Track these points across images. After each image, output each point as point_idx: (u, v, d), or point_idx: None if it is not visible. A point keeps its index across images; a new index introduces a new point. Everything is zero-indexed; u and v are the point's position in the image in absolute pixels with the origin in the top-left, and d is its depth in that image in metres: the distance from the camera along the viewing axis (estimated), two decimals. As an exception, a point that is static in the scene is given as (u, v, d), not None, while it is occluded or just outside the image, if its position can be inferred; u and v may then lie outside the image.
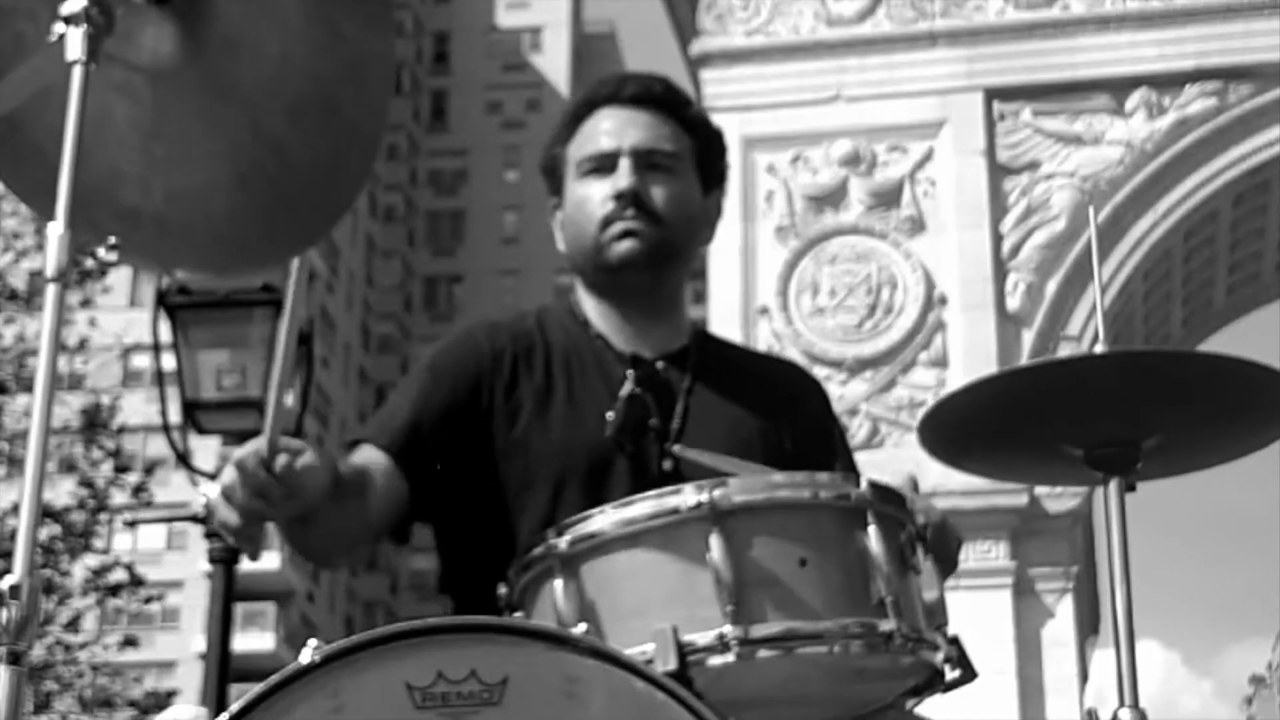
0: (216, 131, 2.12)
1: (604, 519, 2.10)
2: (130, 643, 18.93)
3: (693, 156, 2.66)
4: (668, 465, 2.50)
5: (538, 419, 2.54)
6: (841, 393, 14.54)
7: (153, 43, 2.09)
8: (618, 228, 2.58)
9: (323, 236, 2.24)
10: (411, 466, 2.48)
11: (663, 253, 2.59)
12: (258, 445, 2.19)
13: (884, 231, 15.54)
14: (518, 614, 2.16)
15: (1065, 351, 13.93)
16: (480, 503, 2.52)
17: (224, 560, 7.53)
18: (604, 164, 2.61)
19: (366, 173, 2.18)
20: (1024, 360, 14.06)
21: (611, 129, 2.62)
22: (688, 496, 2.06)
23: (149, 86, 2.10)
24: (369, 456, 2.45)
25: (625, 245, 2.58)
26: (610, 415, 2.52)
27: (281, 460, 2.19)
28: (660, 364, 2.62)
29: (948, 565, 2.30)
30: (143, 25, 2.08)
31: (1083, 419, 2.37)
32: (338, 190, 2.18)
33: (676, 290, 2.70)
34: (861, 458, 2.76)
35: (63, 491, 17.45)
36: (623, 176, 2.58)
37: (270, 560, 49.51)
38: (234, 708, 1.78)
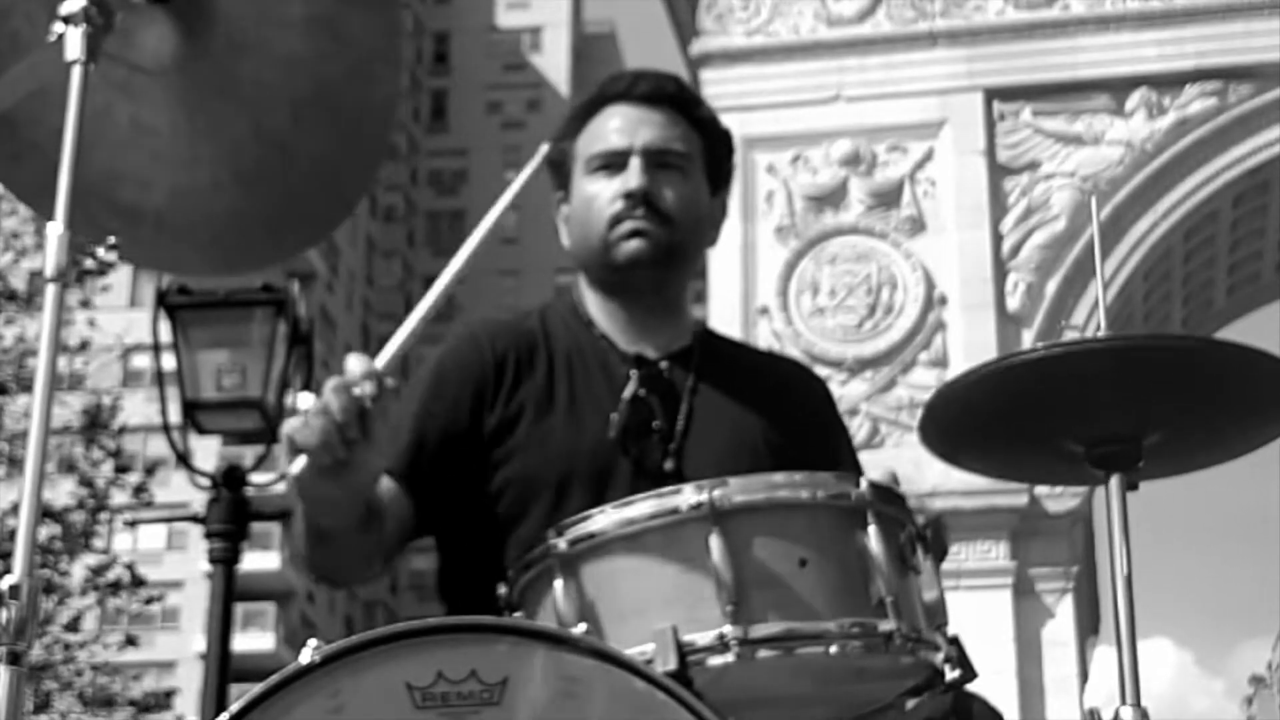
0: (218, 131, 2.12)
1: (604, 519, 2.09)
2: (130, 642, 18.93)
3: (702, 157, 2.64)
4: (669, 466, 2.49)
5: (539, 424, 2.52)
6: (841, 393, 14.52)
7: (154, 42, 2.09)
8: (627, 227, 2.56)
9: (329, 234, 2.24)
10: (416, 486, 2.47)
11: (671, 253, 2.58)
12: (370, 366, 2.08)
13: (884, 231, 15.55)
14: (518, 614, 2.16)
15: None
16: (484, 509, 2.51)
17: (224, 560, 7.52)
18: (614, 162, 2.59)
19: (373, 172, 2.18)
20: (1024, 360, 14.03)
21: (622, 127, 2.60)
22: (688, 496, 2.06)
23: (150, 86, 2.10)
24: None
25: (634, 245, 2.56)
26: (614, 417, 2.51)
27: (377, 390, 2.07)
28: (664, 364, 2.61)
29: (939, 552, 2.28)
30: (143, 25, 2.07)
31: (1084, 414, 2.37)
32: (343, 188, 2.18)
33: (681, 290, 2.69)
34: (861, 458, 2.75)
35: (63, 491, 17.45)
36: (633, 176, 2.56)
37: (270, 560, 49.50)
38: (234, 708, 1.78)
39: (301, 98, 2.11)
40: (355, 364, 2.09)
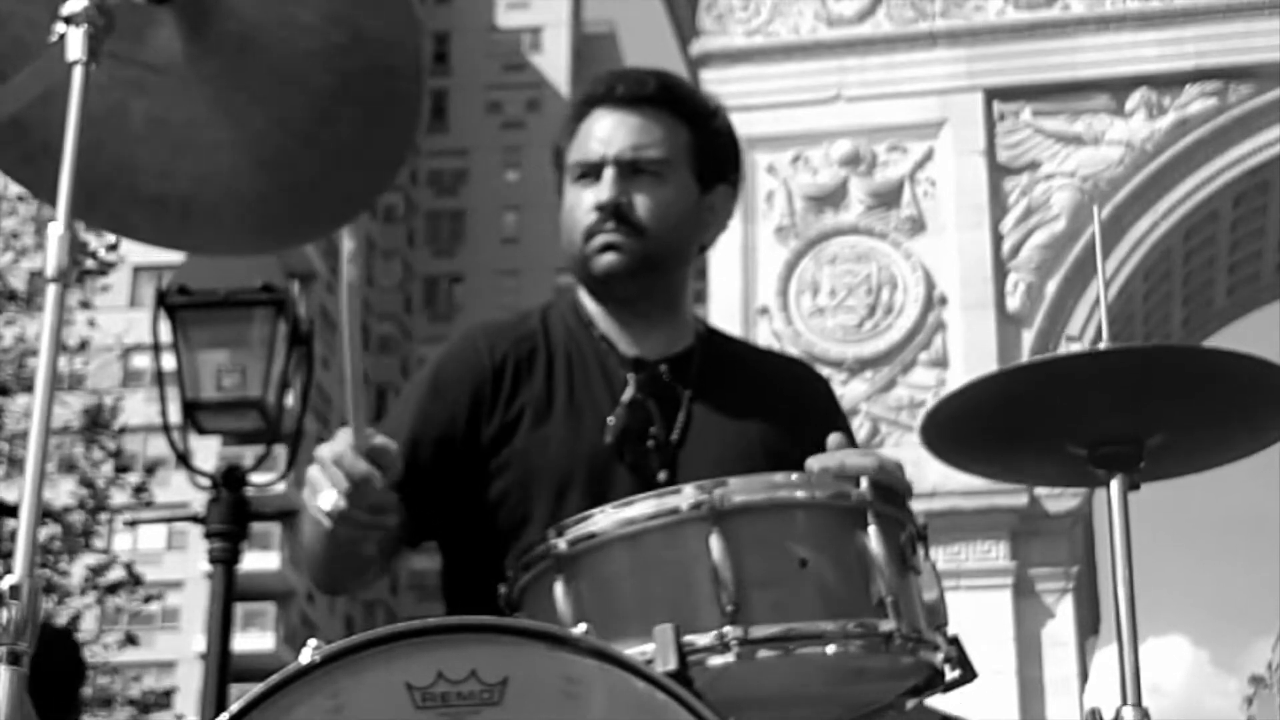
0: (237, 122, 2.13)
1: (604, 519, 2.09)
2: (130, 640, 18.94)
3: (688, 155, 2.60)
4: (663, 476, 2.47)
5: (538, 429, 2.51)
6: (842, 393, 14.45)
7: (161, 41, 2.09)
8: (599, 240, 2.55)
9: (356, 218, 2.24)
10: (409, 492, 2.45)
11: (646, 264, 2.55)
12: (349, 440, 2.11)
13: (884, 231, 15.55)
14: (518, 614, 2.16)
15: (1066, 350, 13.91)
16: (482, 513, 2.50)
17: (224, 560, 7.52)
18: (591, 171, 2.57)
19: (400, 159, 2.17)
20: (1024, 360, 14.05)
21: (600, 134, 2.58)
22: (688, 496, 2.06)
23: (164, 81, 2.11)
24: None
25: (606, 258, 2.55)
26: (610, 422, 2.50)
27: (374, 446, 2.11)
28: (663, 367, 2.59)
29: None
30: (149, 24, 2.08)
31: (1086, 417, 2.37)
32: (368, 176, 2.18)
33: (676, 292, 2.66)
34: (862, 458, 2.74)
35: (63, 491, 17.46)
36: (605, 188, 2.54)
37: (270, 560, 49.50)
38: (234, 708, 1.77)
39: (321, 90, 2.11)
40: (345, 456, 2.10)
